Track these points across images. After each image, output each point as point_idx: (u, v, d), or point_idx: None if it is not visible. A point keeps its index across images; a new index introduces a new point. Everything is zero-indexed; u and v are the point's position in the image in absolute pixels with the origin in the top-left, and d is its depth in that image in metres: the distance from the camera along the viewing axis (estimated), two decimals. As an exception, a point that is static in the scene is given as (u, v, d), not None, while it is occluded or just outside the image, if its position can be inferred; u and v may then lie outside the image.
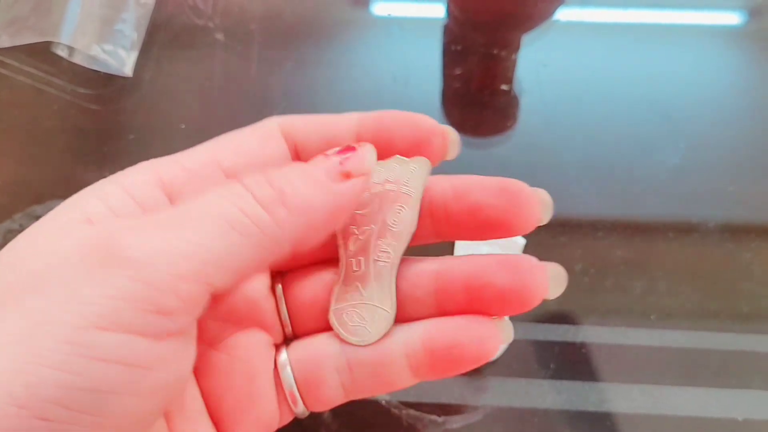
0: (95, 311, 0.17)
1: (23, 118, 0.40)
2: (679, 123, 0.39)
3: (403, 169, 0.25)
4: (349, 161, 0.21)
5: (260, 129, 0.24)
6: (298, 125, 0.24)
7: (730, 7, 0.44)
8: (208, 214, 0.19)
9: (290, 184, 0.20)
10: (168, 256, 0.18)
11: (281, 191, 0.20)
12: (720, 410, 0.32)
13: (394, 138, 0.24)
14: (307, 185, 0.20)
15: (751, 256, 0.35)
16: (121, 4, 0.40)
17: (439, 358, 0.22)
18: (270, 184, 0.20)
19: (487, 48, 0.41)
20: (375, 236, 0.25)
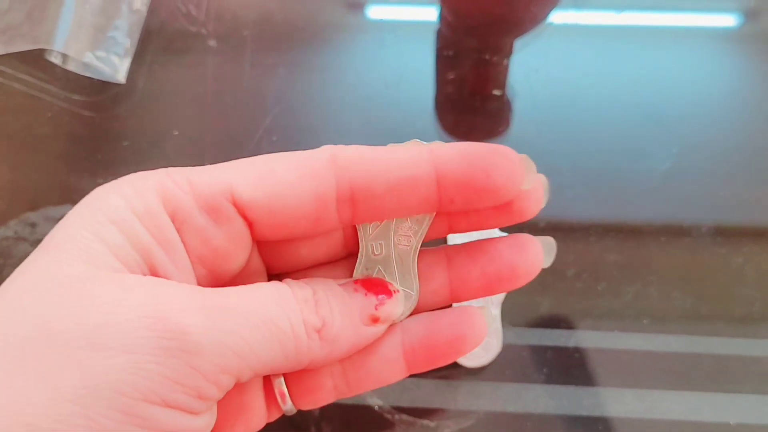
0: (150, 387, 0.18)
1: (17, 125, 0.40)
2: (671, 127, 0.39)
3: None
4: (384, 308, 0.22)
5: (308, 159, 0.21)
6: (357, 162, 0.21)
7: (722, 10, 0.44)
8: (266, 320, 0.20)
9: (332, 315, 0.21)
10: (224, 351, 0.19)
11: (323, 322, 0.21)
12: (713, 415, 0.32)
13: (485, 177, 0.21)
14: (343, 321, 0.21)
15: (743, 260, 0.35)
16: (114, 11, 0.41)
17: (437, 352, 0.23)
18: (317, 312, 0.21)
19: (480, 53, 0.41)
20: (395, 220, 0.24)
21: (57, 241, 0.19)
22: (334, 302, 0.21)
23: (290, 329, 0.20)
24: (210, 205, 0.21)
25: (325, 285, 0.22)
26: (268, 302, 0.20)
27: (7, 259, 0.36)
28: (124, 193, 0.20)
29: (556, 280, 0.35)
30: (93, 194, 0.21)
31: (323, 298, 0.21)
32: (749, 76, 0.41)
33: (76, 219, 0.20)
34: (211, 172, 0.21)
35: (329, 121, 0.40)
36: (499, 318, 0.33)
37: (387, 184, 0.21)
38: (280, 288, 0.21)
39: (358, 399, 0.33)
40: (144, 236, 0.20)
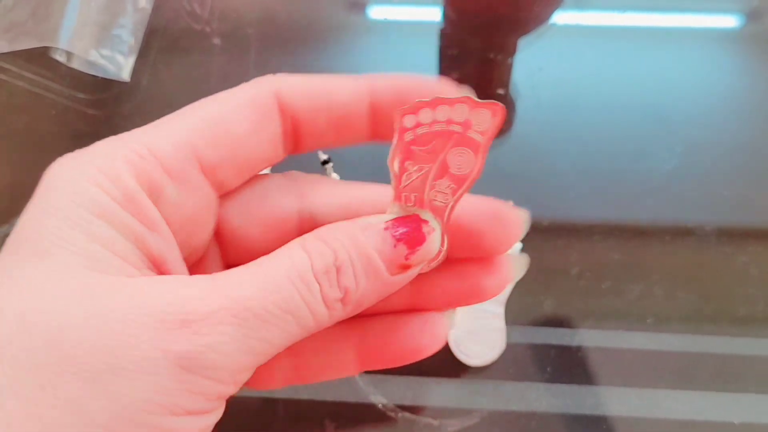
0: (173, 401, 0.18)
1: (22, 123, 0.40)
2: (674, 127, 0.39)
3: (473, 113, 0.22)
4: (416, 256, 0.21)
5: (252, 100, 0.21)
6: (297, 94, 0.22)
7: (725, 11, 0.44)
8: (284, 310, 0.19)
9: (354, 282, 0.20)
10: (242, 358, 0.18)
11: (346, 291, 0.20)
12: (716, 414, 0.32)
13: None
14: (368, 281, 0.20)
15: (747, 260, 0.35)
16: (119, 9, 0.41)
17: (392, 358, 0.23)
18: (339, 283, 0.20)
19: (484, 52, 0.41)
20: (432, 175, 0.23)
21: (46, 245, 0.18)
22: (359, 264, 0.20)
23: (309, 313, 0.19)
24: (180, 175, 0.20)
25: (348, 240, 0.20)
26: (283, 284, 0.19)
27: (11, 256, 0.36)
28: (95, 179, 0.19)
29: (560, 280, 0.35)
30: (57, 181, 0.19)
31: (346, 262, 0.20)
32: (752, 77, 0.41)
33: (56, 215, 0.19)
34: (170, 135, 0.20)
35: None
36: (503, 316, 0.33)
37: (328, 121, 0.22)
38: (297, 259, 0.19)
39: (361, 397, 0.33)
40: (133, 224, 0.19)
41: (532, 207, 0.37)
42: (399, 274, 0.20)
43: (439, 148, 0.23)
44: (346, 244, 0.20)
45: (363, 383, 0.33)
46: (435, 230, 0.21)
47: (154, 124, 0.21)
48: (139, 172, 0.19)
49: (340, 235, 0.20)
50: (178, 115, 0.21)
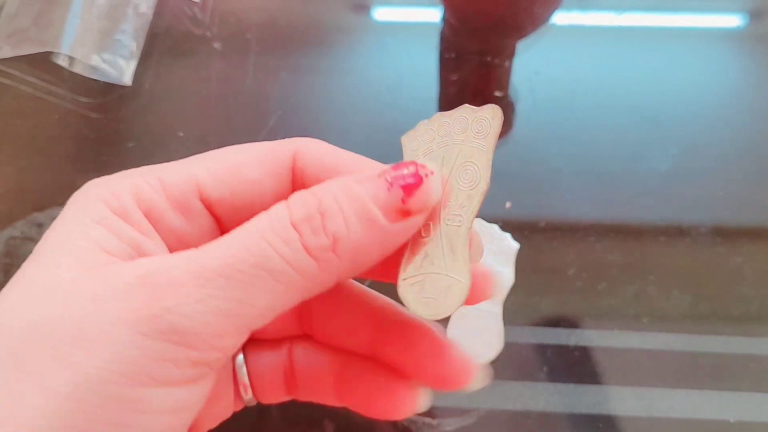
0: (138, 371, 0.17)
1: (25, 127, 0.41)
2: (670, 128, 0.39)
3: (474, 120, 0.23)
4: (414, 199, 0.20)
5: (271, 151, 0.22)
6: (313, 160, 0.22)
7: (725, 10, 0.44)
8: (253, 265, 0.18)
9: (345, 227, 0.19)
10: (209, 319, 0.18)
11: (335, 238, 0.18)
12: (712, 412, 0.33)
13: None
14: (362, 226, 0.19)
15: (741, 260, 0.36)
16: (120, 14, 0.41)
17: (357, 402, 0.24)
18: (324, 228, 0.18)
19: (483, 55, 0.42)
20: (444, 198, 0.22)
21: (46, 247, 0.20)
22: (348, 207, 0.19)
23: (286, 265, 0.18)
24: (181, 203, 0.21)
25: (338, 187, 0.19)
26: (253, 240, 0.18)
27: (15, 258, 0.37)
28: (102, 196, 0.20)
29: (556, 280, 0.35)
30: (74, 201, 0.21)
31: (333, 206, 0.19)
32: (749, 78, 0.41)
33: (63, 225, 0.20)
34: (182, 170, 0.22)
35: (332, 123, 0.40)
36: (500, 317, 0.33)
37: None
38: (273, 213, 0.19)
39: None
40: (127, 230, 0.20)
41: (529, 208, 0.37)
42: (398, 221, 0.19)
43: (447, 165, 0.22)
44: (334, 190, 0.19)
45: (362, 383, 0.33)
46: (434, 173, 0.20)
47: (181, 161, 0.22)
48: (141, 196, 0.21)
49: (330, 185, 0.19)
50: (202, 156, 0.22)
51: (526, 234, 0.36)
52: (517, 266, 0.35)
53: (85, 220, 0.20)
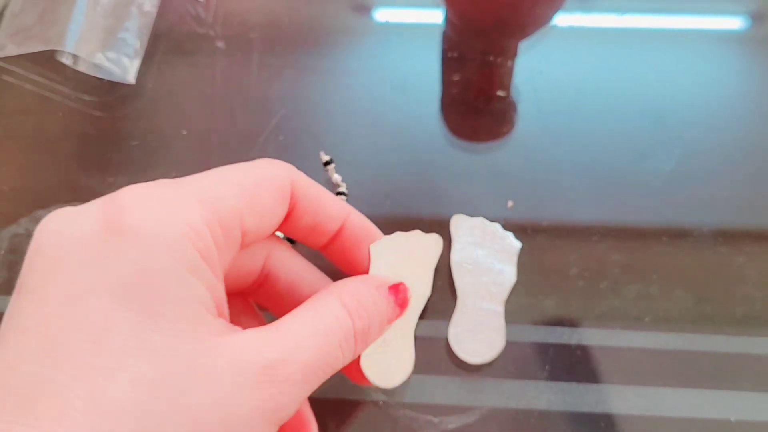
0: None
1: (29, 125, 0.41)
2: (673, 129, 0.39)
3: (420, 241, 0.32)
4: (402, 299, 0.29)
5: (279, 180, 0.25)
6: (304, 192, 0.27)
7: (726, 13, 0.44)
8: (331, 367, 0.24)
9: (372, 339, 0.27)
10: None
11: (366, 333, 0.26)
12: (713, 411, 0.33)
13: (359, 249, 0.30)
14: (381, 328, 0.27)
15: (744, 261, 0.36)
16: (125, 13, 0.41)
17: None
18: (365, 331, 0.25)
19: (485, 55, 0.42)
20: None
21: (162, 307, 0.20)
22: (378, 326, 0.27)
23: (343, 358, 0.24)
24: (230, 235, 0.23)
25: (372, 304, 0.26)
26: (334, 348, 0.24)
27: (18, 255, 0.37)
28: (187, 236, 0.21)
29: (559, 279, 0.35)
30: (154, 228, 0.21)
31: (375, 322, 0.26)
32: (751, 79, 0.42)
33: (164, 273, 0.20)
34: (228, 202, 0.23)
35: (335, 122, 0.41)
36: (502, 315, 0.34)
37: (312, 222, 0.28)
38: (344, 324, 0.24)
39: (362, 395, 0.33)
40: (211, 278, 0.22)
41: (531, 207, 0.38)
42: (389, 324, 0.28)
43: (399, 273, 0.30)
44: (371, 308, 0.26)
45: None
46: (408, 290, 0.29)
47: (210, 179, 0.24)
48: (211, 231, 0.22)
49: (365, 296, 0.26)
50: (229, 179, 0.24)
51: (528, 233, 0.36)
52: (519, 265, 0.35)
53: (182, 272, 0.21)
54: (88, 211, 0.21)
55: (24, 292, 0.20)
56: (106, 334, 0.19)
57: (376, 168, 0.39)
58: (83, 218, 0.21)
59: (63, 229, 0.21)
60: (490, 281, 0.34)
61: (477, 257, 0.35)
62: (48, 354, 0.19)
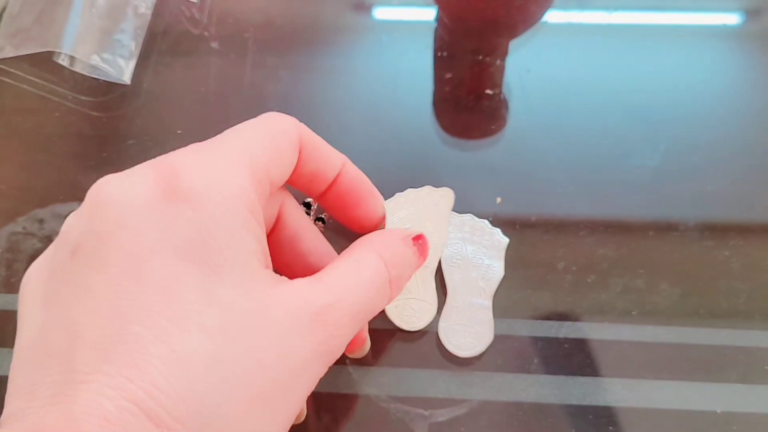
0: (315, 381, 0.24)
1: (26, 125, 0.41)
2: (659, 125, 0.40)
3: (433, 196, 0.35)
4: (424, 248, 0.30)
5: (292, 132, 0.27)
6: (309, 141, 0.28)
7: (716, 9, 0.44)
8: (370, 310, 0.26)
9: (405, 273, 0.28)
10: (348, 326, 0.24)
11: (399, 280, 0.27)
12: (700, 403, 0.33)
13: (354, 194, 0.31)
14: (410, 275, 0.29)
15: (729, 254, 0.36)
16: (120, 14, 0.42)
17: None
18: (399, 278, 0.27)
19: (476, 53, 0.42)
20: None
21: (223, 259, 0.22)
22: (407, 273, 0.28)
23: (385, 287, 0.26)
24: (263, 189, 0.25)
25: (401, 257, 0.28)
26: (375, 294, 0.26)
27: (16, 254, 0.37)
28: (238, 194, 0.23)
29: (547, 273, 0.36)
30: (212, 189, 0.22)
31: (406, 271, 0.28)
32: (738, 75, 0.42)
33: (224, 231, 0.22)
34: (259, 159, 0.25)
35: (329, 121, 0.41)
36: (490, 309, 0.34)
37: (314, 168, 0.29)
38: (381, 272, 0.26)
39: (354, 389, 0.34)
40: (262, 234, 0.24)
41: (520, 203, 0.38)
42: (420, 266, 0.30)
43: (419, 225, 0.34)
44: (401, 258, 0.28)
45: (356, 375, 0.34)
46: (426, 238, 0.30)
47: (243, 137, 0.25)
48: (254, 187, 0.24)
49: (396, 248, 0.28)
50: (257, 136, 0.25)
51: (517, 229, 0.37)
52: (508, 260, 0.36)
53: (236, 226, 0.22)
54: (143, 175, 0.23)
55: (83, 256, 0.21)
56: (174, 289, 0.20)
57: (370, 163, 0.39)
58: (138, 183, 0.22)
59: (119, 193, 0.22)
60: (479, 276, 0.35)
61: (466, 253, 0.35)
62: (120, 311, 0.20)
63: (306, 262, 0.31)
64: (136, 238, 0.21)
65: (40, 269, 0.24)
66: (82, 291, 0.21)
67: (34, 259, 0.37)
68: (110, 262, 0.21)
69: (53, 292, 0.22)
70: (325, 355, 0.23)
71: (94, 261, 0.21)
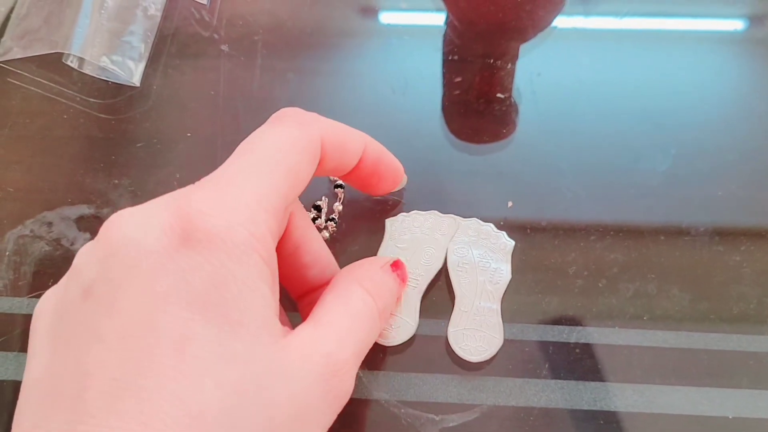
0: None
1: (35, 127, 0.41)
2: (670, 130, 0.40)
3: (438, 222, 0.36)
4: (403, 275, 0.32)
5: (311, 143, 0.26)
6: (332, 141, 0.28)
7: (724, 15, 0.44)
8: (367, 346, 0.27)
9: (390, 302, 0.29)
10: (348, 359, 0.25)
11: (386, 310, 0.29)
12: (711, 408, 0.33)
13: (376, 173, 0.32)
14: (394, 302, 0.31)
15: (740, 259, 0.36)
16: (129, 16, 0.42)
17: None
18: (385, 308, 0.28)
19: (486, 57, 0.42)
20: (408, 267, 0.34)
21: (241, 316, 0.21)
22: (391, 305, 0.30)
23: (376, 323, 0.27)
24: (281, 223, 0.26)
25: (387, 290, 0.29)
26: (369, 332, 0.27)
27: (24, 257, 0.37)
28: (257, 249, 0.22)
29: (558, 278, 0.36)
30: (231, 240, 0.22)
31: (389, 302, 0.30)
32: (747, 80, 0.42)
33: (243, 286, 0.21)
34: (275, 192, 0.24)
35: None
36: (499, 312, 0.34)
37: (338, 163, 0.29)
38: (371, 308, 0.27)
39: (365, 393, 0.33)
40: (275, 284, 0.24)
41: (531, 207, 0.38)
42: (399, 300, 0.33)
43: (415, 247, 0.35)
44: (385, 287, 0.29)
45: (366, 380, 0.34)
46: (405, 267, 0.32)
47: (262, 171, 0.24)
48: (270, 233, 0.23)
49: (378, 278, 0.29)
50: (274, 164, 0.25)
51: (528, 233, 0.37)
52: (520, 265, 0.36)
53: (253, 278, 0.22)
54: (157, 215, 0.22)
55: (95, 299, 0.21)
56: (188, 342, 0.20)
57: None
58: (154, 226, 0.21)
59: (135, 235, 0.21)
60: (486, 280, 0.35)
61: (473, 257, 0.35)
62: (130, 361, 0.19)
63: (305, 276, 0.30)
64: (150, 286, 0.20)
65: (51, 304, 0.23)
66: (92, 336, 0.20)
67: (42, 262, 0.38)
68: (123, 310, 0.20)
69: (63, 332, 0.21)
70: (336, 401, 0.24)
71: (107, 306, 0.20)
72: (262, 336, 0.21)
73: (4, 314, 0.36)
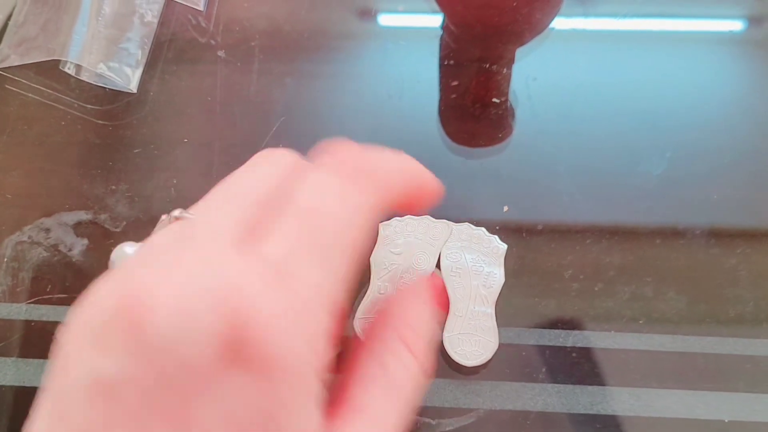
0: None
1: (32, 133, 0.41)
2: (666, 132, 0.40)
3: (430, 227, 0.36)
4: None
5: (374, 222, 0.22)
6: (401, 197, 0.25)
7: (721, 16, 0.44)
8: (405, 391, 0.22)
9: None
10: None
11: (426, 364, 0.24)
12: (707, 412, 0.33)
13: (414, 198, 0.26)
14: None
15: (736, 262, 0.36)
16: (126, 23, 0.42)
17: None
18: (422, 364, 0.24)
19: (482, 62, 0.42)
20: (401, 271, 0.35)
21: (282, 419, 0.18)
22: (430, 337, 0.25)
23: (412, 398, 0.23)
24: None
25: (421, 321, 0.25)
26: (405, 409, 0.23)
27: (22, 263, 0.37)
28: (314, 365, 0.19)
29: (554, 281, 0.36)
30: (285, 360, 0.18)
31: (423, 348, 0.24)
32: (743, 82, 0.42)
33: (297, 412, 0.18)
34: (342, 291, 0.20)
35: (335, 128, 0.41)
36: (493, 316, 0.34)
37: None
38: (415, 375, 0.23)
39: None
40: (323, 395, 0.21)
41: (527, 210, 0.38)
42: None
43: (408, 252, 0.35)
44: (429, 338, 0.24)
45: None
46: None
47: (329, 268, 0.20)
48: (328, 340, 0.20)
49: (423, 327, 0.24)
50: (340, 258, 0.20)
51: (524, 236, 0.37)
52: (516, 268, 0.36)
53: (310, 405, 0.19)
54: (208, 319, 0.17)
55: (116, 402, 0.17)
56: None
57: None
58: (201, 331, 0.17)
59: (173, 335, 0.16)
60: (479, 284, 0.35)
61: (466, 262, 0.35)
62: None
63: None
64: (186, 406, 0.17)
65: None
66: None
67: (40, 268, 0.38)
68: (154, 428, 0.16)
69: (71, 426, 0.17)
70: None
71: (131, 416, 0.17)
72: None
73: (2, 320, 0.36)
